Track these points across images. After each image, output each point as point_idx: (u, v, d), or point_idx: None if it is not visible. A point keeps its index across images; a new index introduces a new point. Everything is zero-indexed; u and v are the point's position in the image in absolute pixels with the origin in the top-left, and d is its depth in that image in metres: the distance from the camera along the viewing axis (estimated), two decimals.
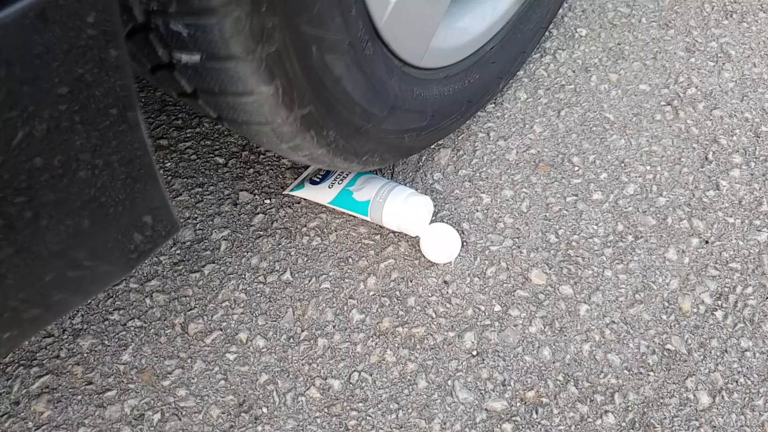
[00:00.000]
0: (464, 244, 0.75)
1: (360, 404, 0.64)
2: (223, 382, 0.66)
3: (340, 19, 0.53)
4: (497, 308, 0.70)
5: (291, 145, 0.58)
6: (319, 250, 0.75)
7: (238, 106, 0.51)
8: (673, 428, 0.61)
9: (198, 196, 0.81)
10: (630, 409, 0.62)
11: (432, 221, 0.76)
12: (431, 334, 0.68)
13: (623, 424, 0.62)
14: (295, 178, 0.81)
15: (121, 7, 0.42)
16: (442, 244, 0.72)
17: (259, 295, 0.72)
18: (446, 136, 0.84)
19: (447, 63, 0.75)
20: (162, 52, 0.46)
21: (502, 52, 0.84)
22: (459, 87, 0.78)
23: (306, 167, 0.82)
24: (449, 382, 0.65)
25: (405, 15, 0.62)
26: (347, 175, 0.77)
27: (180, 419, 0.63)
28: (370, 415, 0.63)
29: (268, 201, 0.80)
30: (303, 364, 0.67)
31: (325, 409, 0.64)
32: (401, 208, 0.71)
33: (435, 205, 0.79)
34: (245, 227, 0.77)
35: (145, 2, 0.42)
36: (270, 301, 0.71)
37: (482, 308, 0.70)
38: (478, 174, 0.82)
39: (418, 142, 0.76)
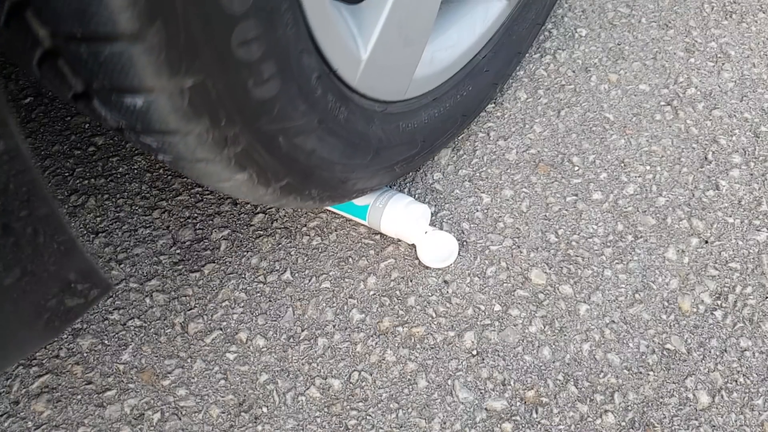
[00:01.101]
0: (464, 243, 0.75)
1: (360, 404, 0.64)
2: (223, 381, 0.66)
3: (305, 105, 0.52)
4: (497, 308, 0.70)
5: (278, 204, 0.60)
6: (319, 250, 0.75)
7: (219, 186, 0.53)
8: (673, 428, 0.61)
9: (198, 195, 0.81)
10: (630, 408, 0.63)
11: (431, 221, 0.76)
12: (431, 334, 0.68)
13: (623, 423, 0.62)
14: None
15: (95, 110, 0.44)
16: (438, 252, 0.72)
17: (259, 294, 0.72)
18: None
19: (435, 85, 0.72)
20: (140, 146, 0.48)
21: (497, 57, 0.81)
22: (451, 104, 0.75)
23: None
24: (449, 382, 0.65)
25: (380, 65, 0.60)
26: None
27: (180, 419, 0.63)
28: (370, 415, 0.63)
29: None
30: (303, 364, 0.67)
31: (325, 409, 0.64)
32: (401, 215, 0.71)
33: (435, 205, 0.79)
34: (245, 227, 0.77)
35: (114, 119, 0.44)
36: (270, 300, 0.71)
37: (482, 308, 0.70)
38: (478, 174, 0.82)
39: (411, 167, 0.75)
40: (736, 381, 0.64)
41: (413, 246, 0.74)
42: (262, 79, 0.46)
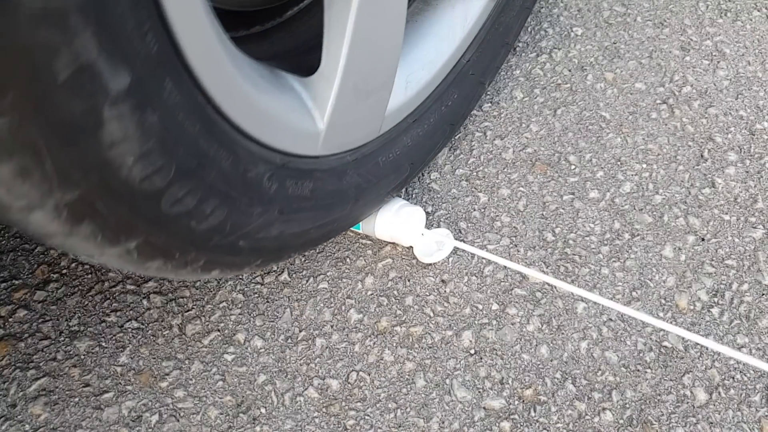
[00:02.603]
0: (462, 243, 0.75)
1: (358, 404, 0.64)
2: (221, 382, 0.66)
3: (260, 207, 0.51)
4: (495, 307, 0.70)
5: (259, 270, 0.61)
6: (317, 250, 0.75)
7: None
8: (671, 425, 0.61)
9: None
10: (628, 406, 0.63)
11: (429, 221, 0.76)
12: (429, 333, 0.68)
13: (621, 421, 0.62)
14: None
15: None
16: (434, 248, 0.72)
17: (256, 295, 0.72)
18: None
19: (414, 107, 0.67)
20: None
21: (483, 56, 0.75)
22: (436, 118, 0.71)
23: None
24: (447, 381, 0.65)
25: (343, 125, 0.57)
26: None
27: (178, 420, 0.63)
28: (368, 415, 0.63)
29: None
30: (301, 364, 0.67)
31: (324, 409, 0.64)
32: (393, 219, 0.71)
33: (432, 205, 0.79)
34: None
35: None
36: (268, 301, 0.71)
37: (480, 307, 0.70)
38: (475, 173, 0.82)
39: (402, 187, 0.73)
40: (734, 378, 0.64)
41: (411, 245, 0.74)
42: (204, 215, 0.46)
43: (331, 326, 0.69)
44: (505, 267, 0.73)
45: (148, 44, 0.36)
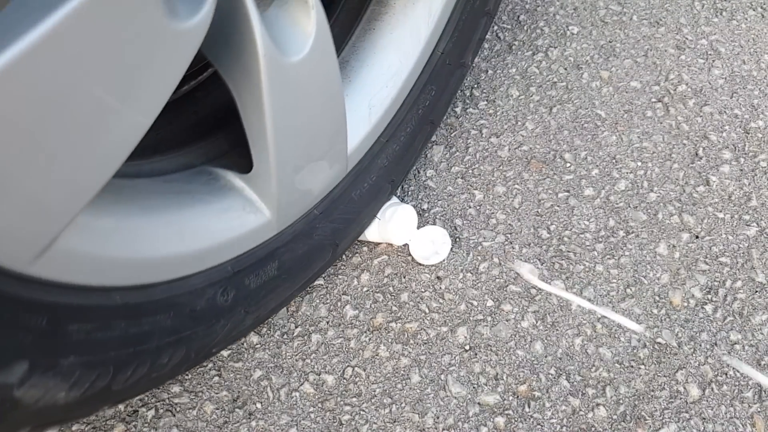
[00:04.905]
0: (457, 240, 0.75)
1: (353, 399, 0.64)
2: (217, 378, 0.66)
3: (224, 320, 0.50)
4: (490, 303, 0.70)
5: None
6: None
7: None
8: (664, 420, 0.62)
9: None
10: (621, 402, 0.63)
11: (425, 219, 0.77)
12: (424, 329, 0.68)
13: (615, 416, 0.62)
14: None
15: None
16: (431, 249, 0.72)
17: None
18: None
19: (383, 128, 0.61)
20: None
21: (460, 40, 0.66)
22: (413, 125, 0.67)
23: None
24: (442, 377, 0.65)
25: (295, 198, 0.53)
26: None
27: (174, 415, 0.63)
28: (363, 410, 0.63)
29: None
30: (297, 360, 0.67)
31: (319, 404, 0.64)
32: (380, 222, 0.71)
33: (428, 202, 0.79)
34: None
35: None
36: None
37: (475, 303, 0.70)
38: (470, 171, 0.82)
39: (393, 195, 0.72)
40: (726, 374, 0.64)
41: (406, 243, 0.74)
42: (164, 365, 0.46)
43: (327, 322, 0.69)
44: (500, 264, 0.73)
45: (38, 321, 0.35)
